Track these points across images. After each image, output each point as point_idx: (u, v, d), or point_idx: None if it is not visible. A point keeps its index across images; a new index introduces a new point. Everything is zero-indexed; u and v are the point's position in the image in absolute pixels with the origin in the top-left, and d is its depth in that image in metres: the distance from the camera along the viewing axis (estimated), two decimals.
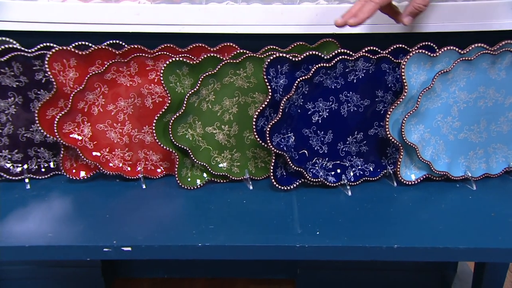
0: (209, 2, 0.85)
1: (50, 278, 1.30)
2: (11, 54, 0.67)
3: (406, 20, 0.68)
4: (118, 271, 1.37)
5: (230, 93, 0.71)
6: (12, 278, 1.30)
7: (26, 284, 1.29)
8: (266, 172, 0.75)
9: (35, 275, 1.30)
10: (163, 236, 0.58)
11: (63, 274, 1.29)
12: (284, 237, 0.58)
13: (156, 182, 0.75)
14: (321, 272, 1.29)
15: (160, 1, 0.87)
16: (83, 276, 1.29)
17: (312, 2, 0.90)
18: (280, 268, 1.35)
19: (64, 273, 1.29)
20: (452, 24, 0.79)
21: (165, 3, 0.85)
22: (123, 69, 0.69)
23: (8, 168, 0.72)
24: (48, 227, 0.60)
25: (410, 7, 0.67)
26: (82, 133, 0.70)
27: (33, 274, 1.29)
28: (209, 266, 1.35)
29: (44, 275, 1.29)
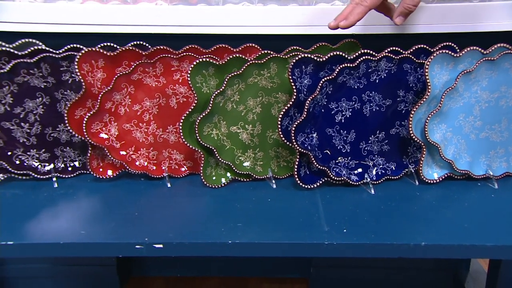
0: (225, 3, 0.86)
1: (66, 276, 1.32)
2: (40, 56, 0.69)
3: (397, 20, 0.69)
4: (132, 270, 1.38)
5: (254, 93, 0.72)
6: (27, 277, 1.31)
7: (42, 282, 1.31)
8: (288, 171, 0.76)
9: (50, 274, 1.31)
10: (193, 234, 0.59)
11: (79, 273, 1.30)
12: (312, 235, 0.59)
13: (180, 181, 0.76)
14: (335, 271, 1.30)
15: (177, 2, 0.89)
16: (99, 274, 1.30)
17: (328, 3, 0.92)
18: (293, 267, 1.36)
19: (79, 272, 1.30)
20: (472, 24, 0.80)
21: (182, 4, 0.86)
22: (149, 70, 0.71)
23: (36, 167, 0.73)
24: (80, 225, 0.61)
25: (401, 7, 0.68)
26: (109, 132, 0.71)
27: (48, 272, 1.31)
28: (222, 264, 1.37)
29: (59, 274, 1.31)
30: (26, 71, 0.69)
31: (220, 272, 1.39)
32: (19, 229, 0.59)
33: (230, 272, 1.39)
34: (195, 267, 1.37)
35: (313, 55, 0.66)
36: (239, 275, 1.39)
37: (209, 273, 1.38)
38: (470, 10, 0.81)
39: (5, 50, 0.68)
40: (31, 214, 0.63)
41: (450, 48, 0.73)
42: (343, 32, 0.79)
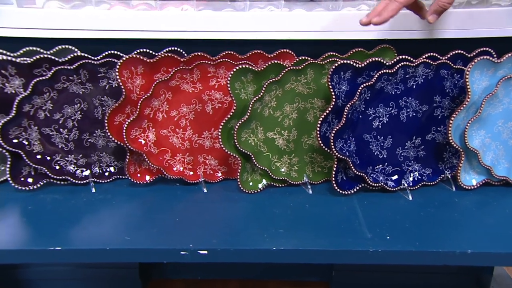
0: (251, 8, 0.87)
1: (88, 278, 1.32)
2: (80, 62, 0.69)
3: (430, 18, 0.69)
4: (153, 273, 1.39)
5: (290, 99, 0.72)
6: (50, 279, 1.32)
7: (64, 284, 1.31)
8: (323, 176, 0.76)
9: (73, 276, 1.32)
10: (236, 240, 0.60)
11: (101, 275, 1.31)
12: (355, 242, 0.59)
13: (216, 186, 0.76)
14: (356, 274, 1.29)
15: (203, 7, 0.89)
16: (121, 277, 1.31)
17: (354, 7, 0.92)
18: (313, 270, 1.36)
19: (102, 274, 1.31)
20: (507, 29, 0.79)
21: (209, 9, 0.86)
22: (186, 76, 0.71)
23: (74, 172, 0.74)
24: (123, 230, 0.62)
25: (435, 5, 0.68)
26: (147, 138, 0.72)
27: (71, 274, 1.32)
28: (242, 267, 1.37)
29: (82, 276, 1.32)
30: (66, 77, 0.70)
31: (239, 275, 1.39)
32: (64, 235, 0.60)
33: (250, 275, 1.39)
34: (214, 270, 1.38)
35: (351, 61, 0.67)
36: (258, 278, 1.39)
37: (228, 276, 1.39)
38: (504, 14, 0.80)
39: (46, 57, 0.69)
40: (74, 219, 0.64)
41: (487, 53, 0.72)
42: (378, 37, 0.80)
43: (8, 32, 0.77)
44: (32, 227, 0.62)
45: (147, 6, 0.88)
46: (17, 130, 0.69)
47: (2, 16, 0.76)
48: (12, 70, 0.67)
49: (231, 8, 0.89)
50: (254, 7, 0.88)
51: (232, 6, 0.92)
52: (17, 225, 0.62)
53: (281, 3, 0.96)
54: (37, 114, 0.70)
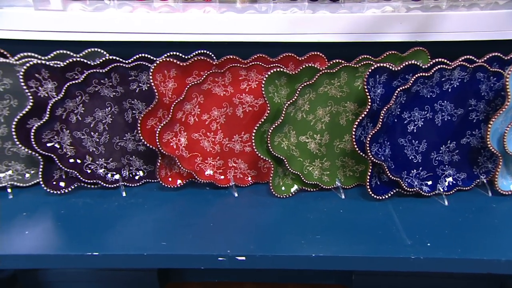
0: (274, 11, 0.86)
1: (107, 281, 1.32)
2: (112, 66, 0.69)
3: None
4: (170, 276, 1.38)
5: (323, 103, 0.71)
6: (68, 280, 1.32)
7: (84, 286, 1.32)
8: (355, 181, 0.75)
9: (92, 278, 1.32)
10: (273, 246, 0.59)
11: (120, 277, 1.31)
12: (395, 248, 0.58)
13: (246, 190, 0.76)
14: (377, 278, 1.28)
15: (225, 9, 0.89)
16: (139, 280, 1.31)
17: (378, 8, 0.91)
18: (332, 273, 1.35)
19: (121, 276, 1.30)
20: None
21: (232, 11, 0.86)
22: (218, 79, 0.70)
23: (104, 176, 0.74)
24: (158, 235, 0.61)
25: None
26: (179, 142, 0.71)
27: (90, 277, 1.32)
28: (258, 270, 1.36)
29: (101, 278, 1.31)
30: (97, 81, 0.70)
31: (256, 278, 1.38)
32: (101, 240, 0.60)
33: (267, 278, 1.38)
34: (232, 273, 1.37)
35: (387, 64, 0.66)
36: (276, 281, 1.38)
37: (245, 279, 1.38)
38: None
39: (79, 60, 0.69)
40: (108, 224, 0.64)
41: None
42: (410, 39, 0.78)
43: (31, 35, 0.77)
44: (68, 231, 0.62)
45: (169, 8, 0.88)
46: (50, 134, 0.68)
47: (23, 19, 0.75)
48: (46, 74, 0.67)
49: (253, 10, 0.88)
50: (277, 8, 0.87)
51: (254, 8, 0.92)
52: (53, 230, 0.62)
53: (305, 5, 0.95)
54: (69, 117, 0.70)
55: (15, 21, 0.75)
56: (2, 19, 0.74)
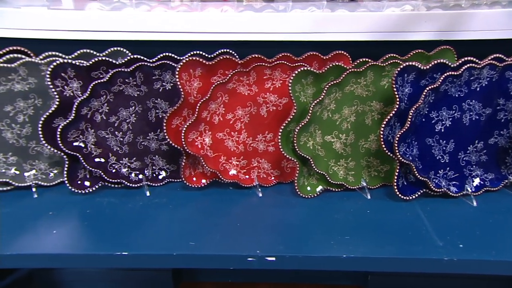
0: (292, 9, 0.85)
1: (121, 280, 1.32)
2: (137, 65, 0.69)
3: None
4: (183, 275, 1.38)
5: (349, 102, 0.70)
6: (82, 280, 1.32)
7: (98, 286, 1.32)
8: (380, 181, 0.74)
9: (106, 278, 1.32)
10: (303, 246, 0.58)
11: (134, 277, 1.31)
12: (427, 250, 0.57)
13: (269, 190, 0.75)
14: (393, 279, 1.27)
15: (243, 8, 0.88)
16: (154, 279, 1.31)
17: (397, 7, 0.90)
18: (347, 274, 1.34)
19: (135, 276, 1.30)
20: None
21: (250, 10, 0.85)
22: (243, 79, 0.70)
23: (128, 176, 0.74)
24: (185, 235, 0.61)
25: None
26: (204, 141, 0.71)
27: (104, 276, 1.32)
28: (272, 270, 1.35)
29: (115, 278, 1.32)
30: (122, 80, 0.69)
31: (270, 278, 1.37)
32: (128, 239, 0.59)
33: (280, 278, 1.37)
34: (245, 273, 1.36)
35: (415, 63, 0.65)
36: (290, 282, 1.38)
37: (259, 279, 1.37)
38: None
39: (104, 59, 0.68)
40: (135, 223, 0.63)
41: None
42: (436, 38, 0.77)
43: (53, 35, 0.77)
44: (95, 231, 0.61)
45: (187, 7, 0.88)
46: (75, 133, 0.68)
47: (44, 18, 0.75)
48: (71, 73, 0.67)
49: (271, 9, 0.88)
50: (295, 7, 0.87)
51: (271, 7, 0.91)
52: (80, 229, 0.62)
53: (323, 4, 0.94)
54: (94, 117, 0.70)
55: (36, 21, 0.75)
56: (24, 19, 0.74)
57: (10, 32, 0.76)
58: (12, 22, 0.75)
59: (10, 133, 0.71)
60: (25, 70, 0.69)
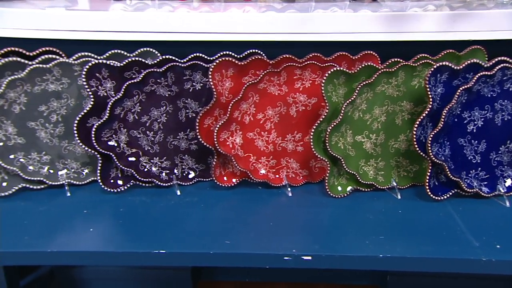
0: (314, 10, 0.85)
1: (140, 279, 1.33)
2: (169, 65, 0.70)
3: None
4: (202, 274, 1.39)
5: (380, 102, 0.70)
6: (103, 278, 1.34)
7: (117, 285, 1.33)
8: (409, 181, 0.74)
9: (125, 276, 1.33)
10: (338, 246, 0.58)
11: (153, 276, 1.32)
12: (463, 250, 0.57)
13: (298, 190, 0.75)
14: (412, 278, 1.26)
15: (265, 9, 0.88)
16: (173, 277, 1.31)
17: (421, 7, 0.89)
18: (365, 273, 1.33)
19: (154, 275, 1.31)
20: None
21: (272, 10, 0.85)
22: (274, 79, 0.70)
23: (159, 175, 0.74)
24: (220, 234, 0.61)
25: None
26: (235, 141, 0.71)
27: (124, 275, 1.33)
28: (290, 270, 1.35)
29: (134, 277, 1.33)
30: (154, 80, 0.70)
31: (288, 278, 1.38)
32: (164, 237, 0.60)
33: (298, 277, 1.37)
34: (263, 272, 1.37)
35: (448, 63, 0.65)
36: (307, 281, 1.38)
37: (277, 279, 1.38)
38: None
39: (137, 60, 0.69)
40: (169, 222, 0.64)
41: None
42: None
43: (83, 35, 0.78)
44: (130, 229, 0.62)
45: (210, 7, 0.88)
46: (109, 133, 0.69)
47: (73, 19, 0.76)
48: (105, 73, 0.68)
49: (293, 9, 0.88)
50: (317, 8, 0.87)
51: (293, 7, 0.92)
52: (116, 228, 0.63)
53: (346, 4, 0.94)
54: (126, 116, 0.70)
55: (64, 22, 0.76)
56: (56, 20, 0.75)
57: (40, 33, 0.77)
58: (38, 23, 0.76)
59: (44, 132, 0.72)
60: (59, 70, 0.70)
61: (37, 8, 0.80)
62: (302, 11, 0.84)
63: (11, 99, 0.68)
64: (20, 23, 0.76)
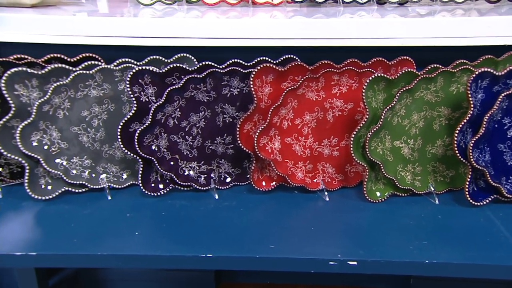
0: (342, 14, 0.86)
1: (164, 280, 1.35)
2: (209, 71, 0.71)
3: None
4: (222, 276, 1.40)
5: (418, 107, 0.71)
6: (126, 279, 1.35)
7: (140, 285, 1.34)
8: (445, 186, 0.74)
9: (149, 277, 1.35)
10: (382, 251, 0.59)
11: (177, 278, 1.33)
12: (510, 256, 0.57)
13: (334, 194, 0.76)
14: (437, 283, 1.26)
15: (293, 14, 0.89)
16: (196, 279, 1.33)
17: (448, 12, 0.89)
18: (386, 277, 1.33)
19: (177, 277, 1.33)
20: None
21: (300, 15, 0.86)
22: (312, 84, 0.71)
23: (197, 179, 0.75)
24: (263, 238, 0.62)
25: None
26: (274, 146, 0.72)
27: (147, 276, 1.35)
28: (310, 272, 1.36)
29: (158, 278, 1.34)
30: (194, 86, 0.71)
31: (308, 280, 1.38)
32: (209, 241, 0.61)
33: (319, 280, 1.37)
34: (284, 274, 1.37)
35: (490, 69, 0.65)
36: (327, 284, 1.38)
37: (297, 281, 1.38)
38: None
39: (178, 66, 0.70)
40: (211, 225, 0.65)
41: None
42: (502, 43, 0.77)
43: (122, 41, 0.80)
44: (175, 233, 0.63)
45: (237, 12, 0.89)
46: (150, 138, 0.70)
47: (112, 25, 0.78)
48: (148, 79, 0.69)
49: (320, 14, 0.88)
50: (345, 12, 0.87)
51: (320, 11, 0.92)
52: (160, 231, 0.64)
53: (373, 8, 0.95)
54: (167, 121, 0.72)
55: (104, 28, 0.77)
56: (96, 26, 0.77)
57: (79, 39, 0.79)
58: (79, 29, 0.77)
59: (86, 137, 0.73)
60: (101, 76, 0.72)
61: (69, 14, 0.82)
62: (329, 15, 0.85)
63: (56, 104, 0.70)
64: (61, 29, 0.78)
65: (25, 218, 0.67)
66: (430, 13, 0.88)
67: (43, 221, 0.66)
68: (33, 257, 0.57)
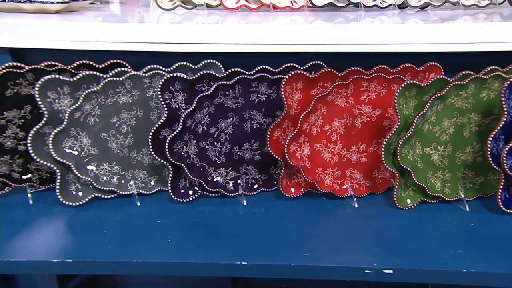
0: (363, 19, 0.85)
1: (181, 284, 1.35)
2: (238, 77, 0.71)
3: None
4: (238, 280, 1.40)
5: (449, 114, 0.70)
6: (143, 283, 1.36)
7: None
8: (475, 193, 0.74)
9: (166, 281, 1.35)
10: (417, 260, 0.59)
11: (194, 282, 1.33)
12: None
13: (362, 201, 0.75)
14: None
15: (313, 18, 0.89)
16: (213, 284, 1.33)
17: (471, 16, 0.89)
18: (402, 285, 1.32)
19: (193, 281, 1.33)
20: None
21: (320, 19, 0.85)
22: (341, 91, 0.71)
23: (225, 185, 0.75)
24: (296, 245, 0.62)
25: None
26: (303, 152, 0.72)
27: (164, 280, 1.35)
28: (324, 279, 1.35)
29: (176, 282, 1.34)
30: (223, 92, 0.71)
31: (323, 285, 1.37)
32: (242, 248, 0.61)
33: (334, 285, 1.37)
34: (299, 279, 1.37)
35: None
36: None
37: (313, 285, 1.38)
38: None
39: (208, 73, 0.71)
40: (242, 232, 0.65)
41: None
42: None
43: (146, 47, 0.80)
44: (207, 240, 0.63)
45: (258, 17, 0.89)
46: (180, 144, 0.71)
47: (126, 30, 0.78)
48: (178, 86, 0.69)
49: (342, 18, 0.88)
50: (366, 17, 0.87)
51: (341, 16, 0.92)
52: (192, 238, 0.64)
53: (395, 13, 0.94)
54: (196, 128, 0.72)
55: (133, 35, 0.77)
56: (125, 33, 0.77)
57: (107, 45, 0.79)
58: (110, 36, 0.78)
59: (115, 143, 0.74)
60: (130, 83, 0.72)
61: (91, 20, 0.82)
62: (351, 20, 0.84)
63: (87, 111, 0.70)
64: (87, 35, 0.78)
65: (57, 224, 0.67)
66: (452, 18, 0.88)
67: (75, 228, 0.66)
68: (69, 264, 0.57)
